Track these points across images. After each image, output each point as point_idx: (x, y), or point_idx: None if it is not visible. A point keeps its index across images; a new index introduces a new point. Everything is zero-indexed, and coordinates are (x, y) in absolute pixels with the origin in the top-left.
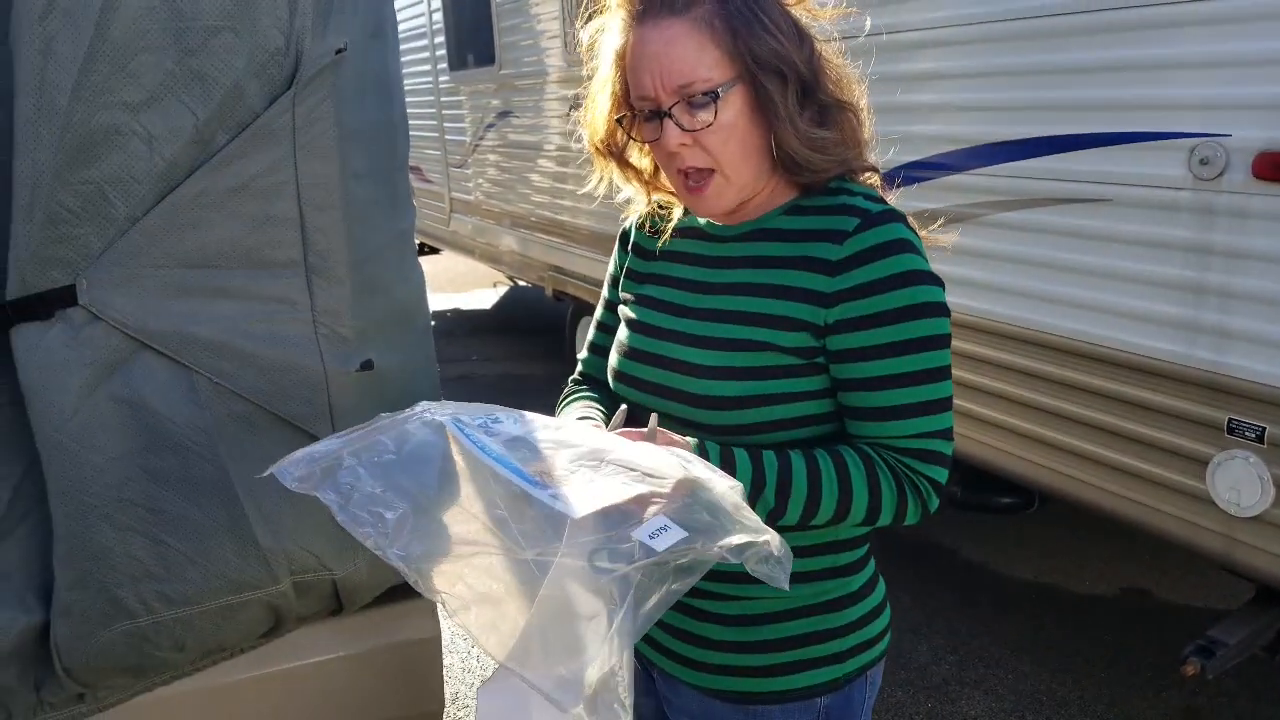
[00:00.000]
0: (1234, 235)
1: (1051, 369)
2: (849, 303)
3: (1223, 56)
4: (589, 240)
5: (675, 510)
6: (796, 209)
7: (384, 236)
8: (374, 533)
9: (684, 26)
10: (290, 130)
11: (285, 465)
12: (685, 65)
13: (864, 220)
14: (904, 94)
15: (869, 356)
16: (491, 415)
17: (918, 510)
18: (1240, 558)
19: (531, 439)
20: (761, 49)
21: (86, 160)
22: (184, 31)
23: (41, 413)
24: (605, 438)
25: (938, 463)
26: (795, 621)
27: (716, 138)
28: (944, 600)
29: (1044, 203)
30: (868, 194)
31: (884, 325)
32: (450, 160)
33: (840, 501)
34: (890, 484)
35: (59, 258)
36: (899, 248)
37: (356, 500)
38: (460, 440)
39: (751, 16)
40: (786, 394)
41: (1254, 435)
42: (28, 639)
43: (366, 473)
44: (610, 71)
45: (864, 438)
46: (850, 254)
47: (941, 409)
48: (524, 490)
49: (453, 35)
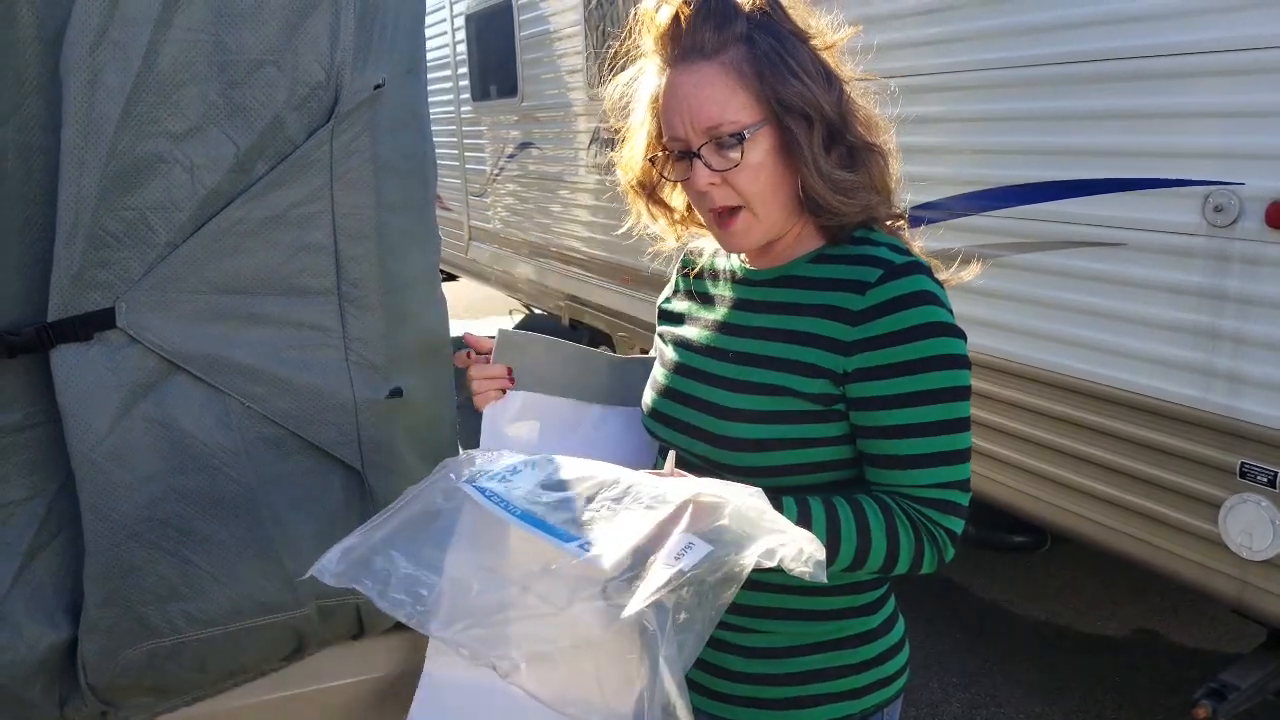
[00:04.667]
0: (1247, 282)
1: (1066, 409)
2: (869, 352)
3: (1238, 107)
4: (606, 271)
5: (699, 528)
6: (822, 257)
7: (415, 267)
8: (415, 612)
9: (713, 70)
10: (328, 162)
11: (323, 563)
12: (714, 107)
13: (887, 271)
14: (925, 136)
15: (889, 405)
16: (510, 466)
17: (934, 560)
18: (1252, 601)
19: (551, 483)
20: (788, 93)
21: (130, 187)
22: (228, 65)
23: (77, 432)
24: (622, 473)
25: (955, 513)
26: (814, 656)
27: (744, 177)
28: (956, 638)
29: (1061, 245)
30: (893, 244)
31: (904, 375)
32: (470, 189)
33: (859, 549)
34: (908, 533)
35: (100, 280)
36: (921, 299)
37: (394, 584)
38: (483, 505)
39: (779, 60)
40: (807, 439)
41: (1266, 480)
42: (55, 655)
43: (400, 555)
44: (645, 114)
45: (882, 486)
46: (872, 305)
47: (960, 460)
48: (552, 545)
49: (476, 66)
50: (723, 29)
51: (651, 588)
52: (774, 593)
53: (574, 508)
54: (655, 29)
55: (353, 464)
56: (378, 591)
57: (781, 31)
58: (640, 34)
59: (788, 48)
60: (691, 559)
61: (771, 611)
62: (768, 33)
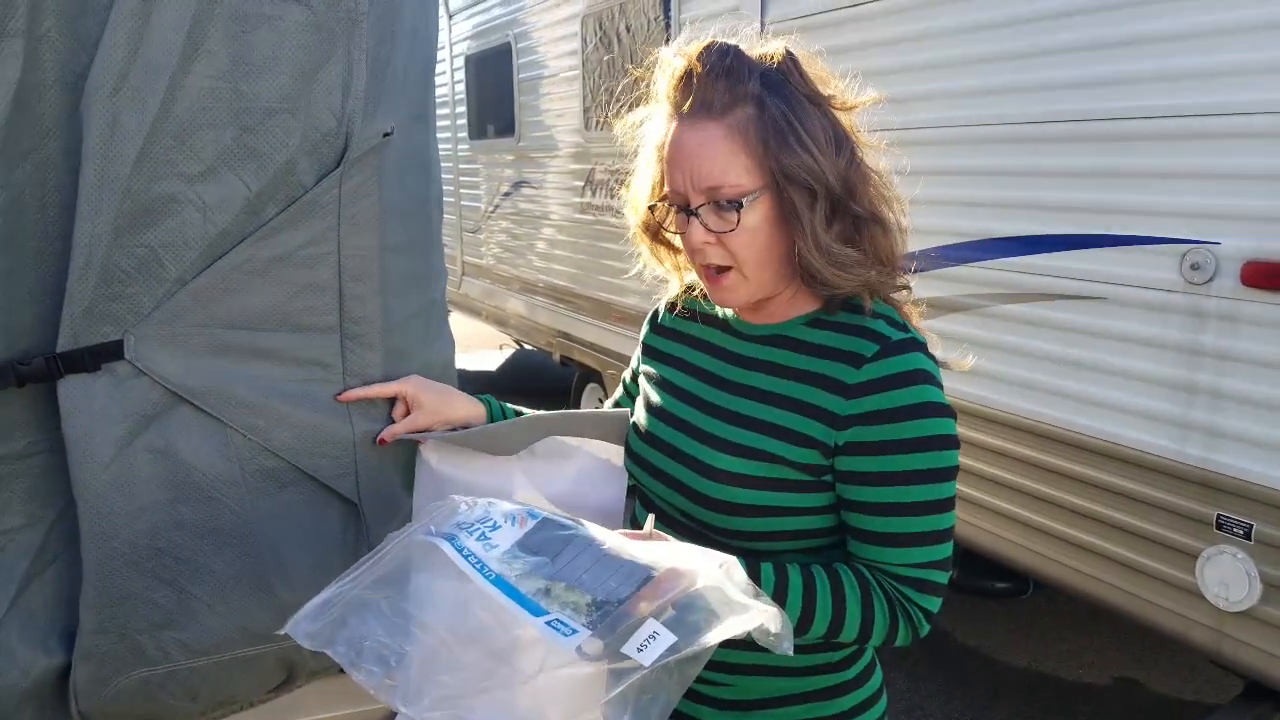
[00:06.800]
0: (1223, 338)
1: (1048, 458)
2: (860, 427)
3: (1216, 169)
4: (596, 309)
5: (664, 609)
6: (818, 321)
7: (415, 305)
8: (384, 686)
9: (719, 131)
10: (336, 205)
11: (299, 620)
12: (716, 169)
13: (883, 347)
14: (911, 188)
15: (875, 482)
16: (490, 520)
17: (908, 635)
18: (1229, 652)
19: (530, 544)
20: (791, 163)
21: (143, 225)
22: (243, 111)
23: (80, 460)
24: (602, 534)
25: (932, 592)
26: (787, 709)
27: (739, 240)
28: (937, 683)
29: (1043, 298)
30: (890, 317)
31: (893, 454)
32: (465, 225)
33: (833, 621)
34: (884, 609)
35: (110, 314)
36: (916, 379)
37: (366, 653)
38: (458, 563)
39: (787, 128)
40: (792, 507)
41: (1242, 532)
42: (46, 680)
43: (374, 620)
44: (651, 159)
45: (862, 560)
46: (866, 380)
47: (941, 539)
48: (521, 617)
49: (474, 106)
50: (734, 88)
51: (615, 681)
52: (746, 649)
53: (549, 574)
54: (670, 78)
55: (350, 497)
56: (349, 660)
57: (795, 95)
58: (656, 78)
59: (798, 114)
60: (653, 654)
61: (744, 667)
62: (780, 96)
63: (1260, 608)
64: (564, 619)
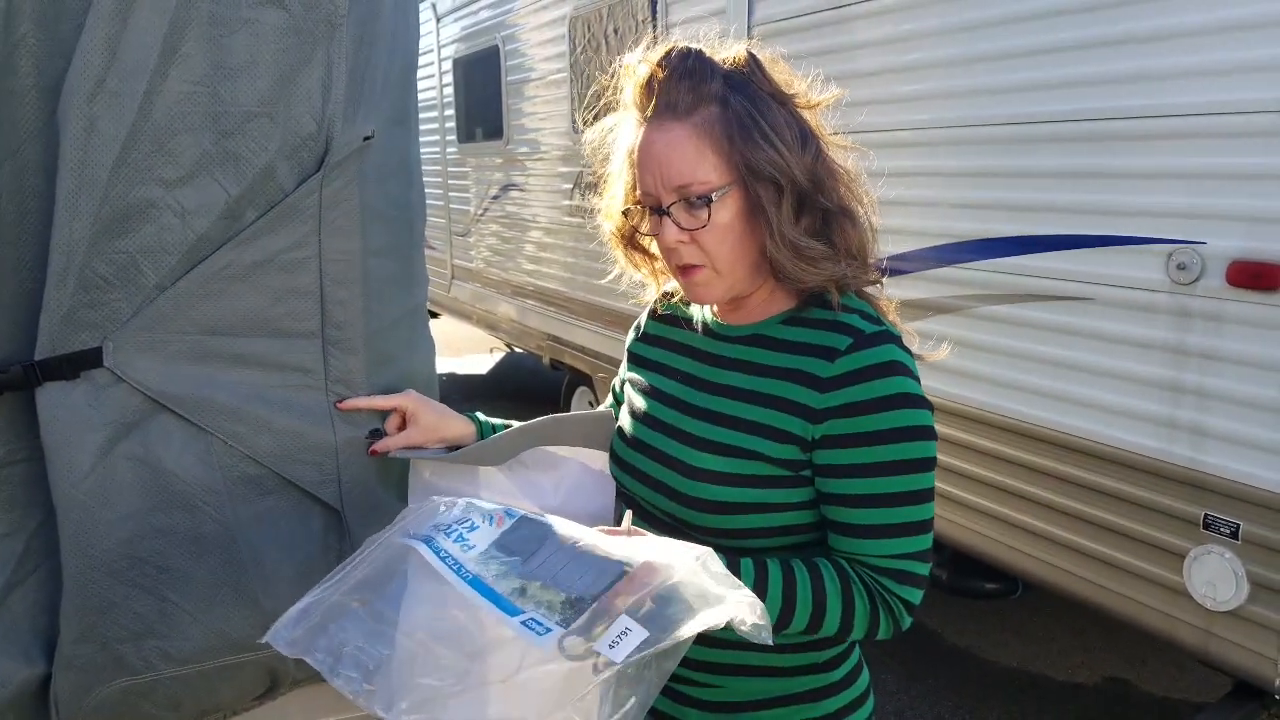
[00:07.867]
0: (1209, 338)
1: (1034, 459)
2: (836, 420)
3: (1201, 169)
4: (586, 312)
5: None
6: (793, 319)
7: (398, 310)
8: (363, 690)
9: (685, 131)
10: (317, 210)
11: (279, 628)
12: (685, 167)
13: (856, 340)
14: (899, 189)
15: (853, 474)
16: (468, 521)
17: (890, 628)
18: (1216, 651)
19: (506, 544)
20: (757, 157)
21: (122, 231)
22: (222, 115)
23: (59, 469)
24: (579, 531)
25: (913, 584)
26: (773, 710)
27: (712, 237)
28: (928, 683)
29: (1029, 298)
30: (864, 311)
31: (870, 445)
32: (454, 229)
33: (814, 614)
34: (864, 601)
35: (89, 321)
36: (890, 370)
37: (345, 659)
38: (435, 565)
39: (751, 124)
40: (772, 504)
41: (1229, 531)
42: (27, 691)
43: (353, 625)
44: (623, 165)
45: (842, 553)
46: (841, 373)
47: (920, 530)
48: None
49: (462, 109)
50: (698, 88)
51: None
52: (732, 649)
53: (525, 573)
54: (635, 84)
55: (333, 504)
56: (328, 667)
57: (758, 93)
58: (621, 84)
59: (762, 110)
60: (625, 650)
61: (729, 668)
62: (743, 94)
63: (1248, 607)
64: (538, 618)
